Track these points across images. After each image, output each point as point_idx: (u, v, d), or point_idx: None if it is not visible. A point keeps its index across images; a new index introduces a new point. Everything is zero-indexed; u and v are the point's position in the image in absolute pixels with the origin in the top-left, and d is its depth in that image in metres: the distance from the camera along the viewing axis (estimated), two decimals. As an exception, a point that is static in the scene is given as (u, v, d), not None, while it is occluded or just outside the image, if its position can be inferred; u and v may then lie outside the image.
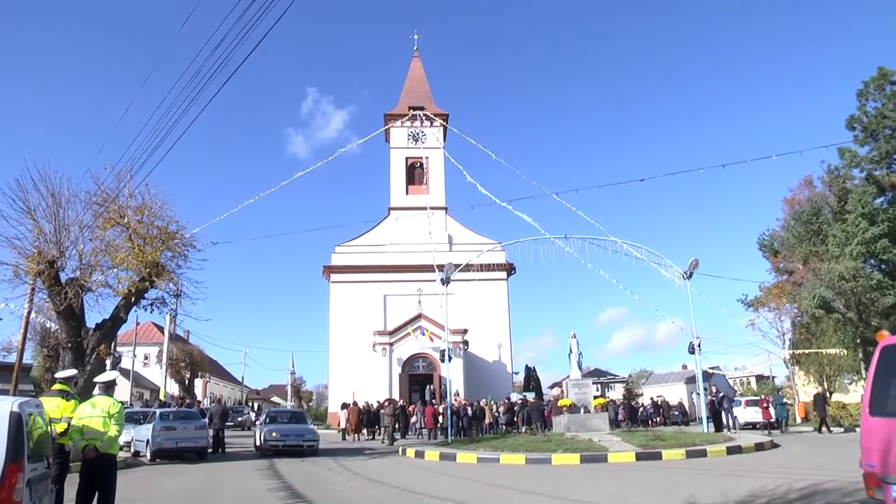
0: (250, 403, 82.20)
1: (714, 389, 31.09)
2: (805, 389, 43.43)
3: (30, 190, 18.79)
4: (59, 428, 8.32)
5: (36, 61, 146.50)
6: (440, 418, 29.10)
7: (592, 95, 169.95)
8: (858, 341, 34.68)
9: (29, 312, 22.06)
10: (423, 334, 40.51)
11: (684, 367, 69.24)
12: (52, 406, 8.52)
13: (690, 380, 59.55)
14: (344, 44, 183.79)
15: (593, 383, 36.26)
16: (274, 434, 21.25)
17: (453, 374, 32.30)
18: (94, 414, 7.85)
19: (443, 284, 27.34)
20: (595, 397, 31.46)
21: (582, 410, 26.41)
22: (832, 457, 16.40)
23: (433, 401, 33.47)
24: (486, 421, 30.61)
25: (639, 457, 17.04)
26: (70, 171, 57.92)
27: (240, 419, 46.45)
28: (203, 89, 15.48)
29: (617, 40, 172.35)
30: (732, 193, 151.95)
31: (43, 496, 6.61)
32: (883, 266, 34.43)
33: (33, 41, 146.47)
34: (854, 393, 37.54)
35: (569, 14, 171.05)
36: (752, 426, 32.35)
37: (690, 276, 27.15)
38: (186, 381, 58.13)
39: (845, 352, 35.34)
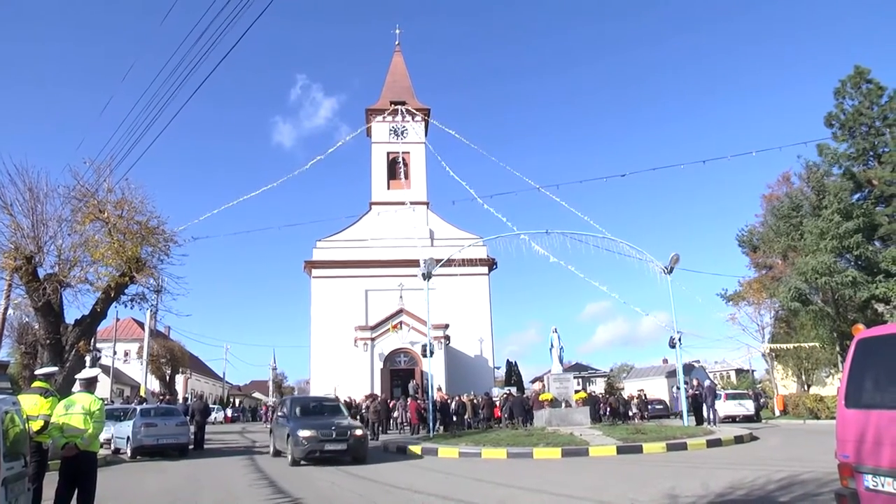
0: (232, 401, 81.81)
1: (695, 383, 31.34)
2: (784, 383, 43.94)
3: (6, 185, 18.64)
4: (36, 426, 8.21)
5: (14, 56, 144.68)
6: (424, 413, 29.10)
7: (574, 92, 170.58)
8: (835, 335, 35.10)
9: (6, 309, 21.85)
10: (402, 328, 40.49)
11: (665, 361, 69.78)
12: (30, 403, 8.43)
13: (671, 374, 59.99)
14: (334, 33, 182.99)
15: (574, 378, 36.49)
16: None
17: (435, 369, 32.32)
18: (74, 411, 7.77)
19: (424, 279, 27.33)
20: (576, 391, 31.63)
21: (563, 405, 26.56)
22: (810, 449, 16.62)
23: (416, 395, 33.47)
24: (467, 415, 30.61)
25: (620, 450, 17.18)
26: (48, 166, 57.32)
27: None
28: (185, 81, 15.34)
29: (598, 37, 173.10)
30: (713, 189, 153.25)
31: (20, 495, 6.55)
32: (858, 262, 34.86)
33: (11, 36, 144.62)
34: (831, 386, 38.03)
35: (551, 10, 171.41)
36: (731, 419, 32.65)
37: (671, 270, 27.33)
38: (167, 378, 57.76)
39: (820, 345, 35.75)
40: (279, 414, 19.14)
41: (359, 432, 16.82)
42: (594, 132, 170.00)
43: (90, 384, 8.40)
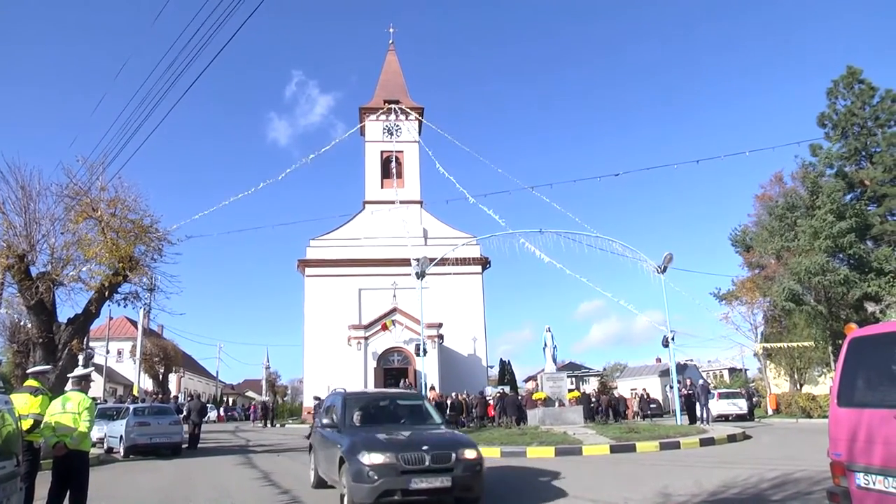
0: (225, 400, 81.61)
1: (688, 382, 31.40)
2: (776, 382, 44.05)
3: (-2, 183, 18.51)
4: (26, 425, 8.18)
5: (9, 54, 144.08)
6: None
7: (568, 91, 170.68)
8: (828, 335, 35.22)
9: (-3, 307, 21.70)
10: (395, 326, 40.50)
11: (658, 360, 69.85)
12: (20, 402, 8.39)
13: (664, 373, 60.08)
14: (331, 30, 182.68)
15: (568, 377, 36.50)
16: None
17: (428, 368, 32.31)
18: (65, 410, 7.77)
19: (418, 278, 27.34)
20: (570, 391, 31.64)
21: (557, 404, 26.58)
22: (802, 447, 16.66)
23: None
24: (462, 415, 30.57)
25: (613, 449, 17.19)
26: (41, 164, 56.99)
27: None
28: (179, 78, 15.31)
29: (592, 36, 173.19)
30: (706, 189, 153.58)
31: (11, 495, 6.52)
32: (851, 261, 35.05)
33: (8, 35, 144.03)
34: (823, 385, 38.16)
35: (546, 9, 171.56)
36: (724, 418, 32.74)
37: (665, 270, 27.41)
38: (160, 377, 57.61)
39: (813, 343, 35.85)
40: (324, 421, 11.15)
41: (469, 454, 9.04)
42: (589, 132, 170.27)
43: (80, 382, 8.37)
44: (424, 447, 8.78)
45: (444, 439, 9.46)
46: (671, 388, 30.83)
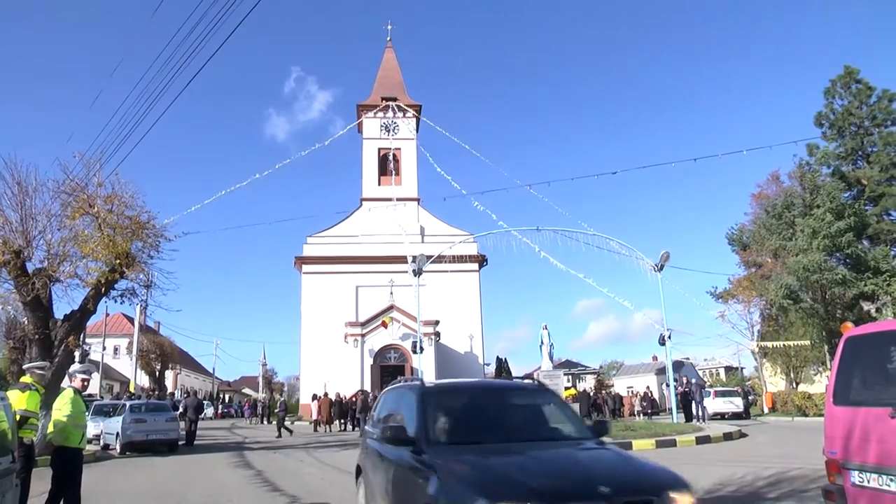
0: (221, 396, 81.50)
1: (685, 380, 31.48)
2: (772, 380, 44.18)
3: (-6, 179, 18.45)
4: None
5: (6, 51, 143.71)
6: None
7: (567, 89, 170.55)
8: (824, 333, 35.29)
9: (-6, 303, 21.64)
10: (393, 323, 40.52)
11: (655, 358, 70.00)
12: (12, 399, 8.39)
13: (661, 371, 60.22)
14: (330, 27, 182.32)
15: (564, 374, 36.59)
16: None
17: (425, 365, 32.33)
18: (58, 406, 7.80)
19: (415, 276, 27.36)
20: (566, 388, 31.71)
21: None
22: (798, 445, 16.69)
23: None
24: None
25: (609, 447, 17.18)
26: (37, 160, 56.79)
27: None
28: (177, 74, 15.28)
29: (592, 36, 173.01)
30: (704, 188, 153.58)
31: (7, 491, 6.51)
32: (848, 260, 35.12)
33: (6, 31, 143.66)
34: (819, 383, 38.28)
35: (543, 9, 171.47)
36: (721, 416, 32.82)
37: (661, 268, 27.46)
38: (157, 373, 57.52)
39: (810, 342, 35.93)
40: (387, 434, 5.62)
41: (685, 501, 4.32)
42: (587, 130, 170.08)
43: (72, 378, 8.37)
44: (602, 488, 4.14)
45: (630, 472, 4.83)
46: (667, 385, 30.89)
